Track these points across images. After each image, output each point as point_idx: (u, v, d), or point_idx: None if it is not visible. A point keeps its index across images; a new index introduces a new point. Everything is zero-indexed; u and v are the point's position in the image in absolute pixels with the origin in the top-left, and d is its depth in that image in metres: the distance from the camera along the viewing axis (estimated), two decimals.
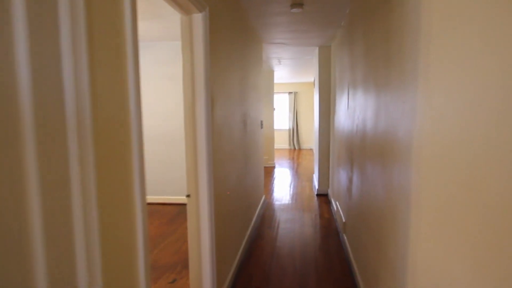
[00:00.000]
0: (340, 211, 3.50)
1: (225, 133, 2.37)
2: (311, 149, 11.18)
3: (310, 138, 11.39)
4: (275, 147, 11.31)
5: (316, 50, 5.10)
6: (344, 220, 3.17)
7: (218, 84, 2.14)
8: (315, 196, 5.03)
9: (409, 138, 1.23)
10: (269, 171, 7.18)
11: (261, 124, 4.37)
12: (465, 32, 0.83)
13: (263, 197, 4.64)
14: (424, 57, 1.08)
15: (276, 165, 8.01)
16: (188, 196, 1.97)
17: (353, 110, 2.74)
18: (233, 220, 2.63)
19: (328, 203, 4.61)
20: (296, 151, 10.75)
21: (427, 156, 1.06)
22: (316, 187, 5.20)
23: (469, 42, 0.81)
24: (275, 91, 11.08)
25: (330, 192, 4.80)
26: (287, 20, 3.45)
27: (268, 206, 4.50)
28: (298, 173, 6.99)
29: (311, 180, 6.15)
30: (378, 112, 1.79)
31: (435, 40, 1.00)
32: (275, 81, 10.29)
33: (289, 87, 11.29)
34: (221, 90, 2.23)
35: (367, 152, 2.13)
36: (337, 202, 3.82)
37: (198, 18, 1.77)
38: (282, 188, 5.61)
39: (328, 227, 3.64)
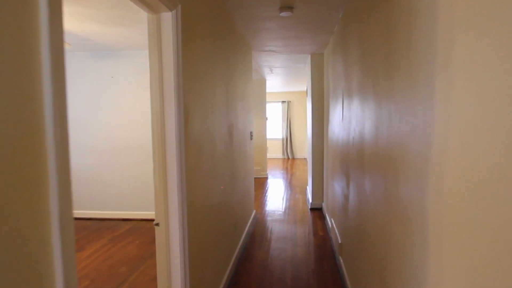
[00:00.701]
0: (336, 229, 3.23)
1: (206, 148, 2.11)
2: (305, 159, 10.94)
3: (304, 147, 11.17)
4: (268, 157, 11.06)
5: (308, 58, 4.90)
6: (340, 241, 2.91)
7: (195, 93, 1.88)
8: (309, 210, 4.76)
9: (424, 154, 0.98)
10: (261, 183, 6.90)
11: (251, 135, 4.12)
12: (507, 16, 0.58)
13: (254, 213, 4.36)
14: (443, 57, 0.83)
15: (269, 176, 7.75)
16: (157, 225, 1.69)
17: (348, 121, 2.50)
18: (216, 245, 2.35)
19: (323, 218, 4.34)
20: (289, 161, 10.50)
21: (453, 175, 0.80)
22: (310, 200, 4.94)
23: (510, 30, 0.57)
24: (267, 100, 10.89)
25: (324, 206, 4.53)
26: (276, 26, 3.23)
27: (259, 222, 4.22)
28: (291, 184, 6.73)
29: (304, 193, 5.89)
30: (379, 124, 1.55)
31: (460, 33, 0.75)
32: (268, 90, 10.10)
33: (282, 96, 11.11)
34: (200, 100, 1.98)
35: (366, 168, 1.88)
36: (332, 219, 3.56)
37: (168, 17, 1.52)
38: (274, 201, 5.34)
39: (323, 247, 3.36)
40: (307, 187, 5.87)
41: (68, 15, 2.95)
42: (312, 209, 4.77)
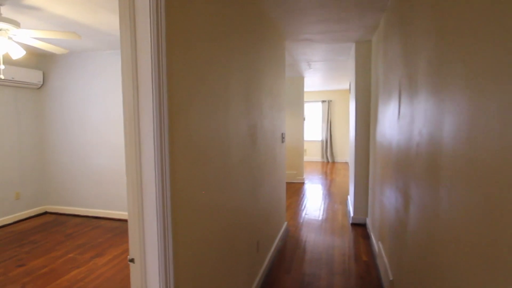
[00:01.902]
0: (385, 259, 2.57)
1: (211, 154, 1.60)
2: (346, 163, 10.10)
3: (346, 150, 10.32)
4: (306, 160, 10.40)
5: (353, 48, 4.22)
6: (391, 278, 2.25)
7: (192, 82, 1.38)
8: (350, 225, 4.08)
9: None
10: (296, 189, 6.30)
11: (283, 137, 3.56)
12: None
13: (285, 224, 3.80)
14: None
15: (306, 181, 7.11)
16: (131, 261, 1.21)
17: (408, 121, 1.85)
18: (227, 274, 1.83)
19: (367, 237, 3.65)
20: (329, 165, 9.74)
21: None
22: (351, 213, 4.25)
23: None
24: (306, 100, 10.23)
25: (369, 223, 3.83)
26: (315, 3, 2.64)
27: (291, 237, 3.64)
28: (330, 192, 6.04)
29: (345, 203, 5.19)
30: (479, 124, 0.93)
31: None
32: (306, 89, 9.44)
33: (321, 95, 10.36)
34: (200, 93, 1.47)
35: (444, 187, 1.25)
36: (380, 244, 2.88)
37: None
38: (310, 211, 4.71)
39: (367, 279, 2.71)
40: (348, 197, 5.17)
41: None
42: (353, 225, 4.09)
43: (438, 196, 1.32)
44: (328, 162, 10.34)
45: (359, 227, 4.00)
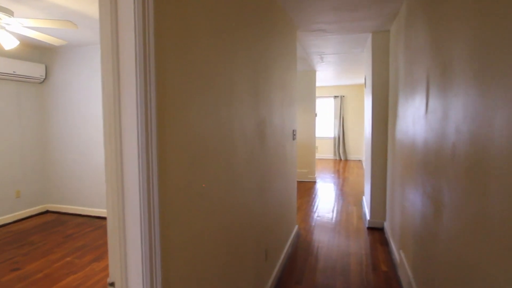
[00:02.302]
0: (409, 271, 2.31)
1: (215, 155, 1.38)
2: (359, 161, 9.78)
3: (359, 148, 9.99)
4: (317, 157, 10.12)
5: (369, 39, 3.94)
6: None
7: (187, 68, 1.16)
8: (366, 229, 3.82)
9: None
10: (308, 188, 6.05)
11: (294, 134, 3.32)
12: None
13: (296, 228, 3.57)
14: None
15: (318, 180, 6.85)
16: (111, 285, 1.01)
17: (440, 116, 1.59)
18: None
19: (385, 243, 3.39)
20: (342, 163, 9.44)
21: None
22: (367, 217, 3.99)
23: None
24: (318, 95, 9.93)
25: (387, 227, 3.57)
26: None
27: (302, 241, 3.41)
28: (343, 192, 5.77)
29: (359, 204, 4.92)
30: None
31: None
32: (318, 83, 9.14)
33: (334, 91, 10.04)
34: (202, 86, 1.25)
35: (502, 200, 1.01)
36: (401, 252, 2.62)
37: None
38: (323, 213, 4.47)
39: None
40: (363, 198, 4.90)
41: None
42: (370, 229, 3.83)
43: (484, 205, 1.08)
44: (340, 160, 10.03)
45: (376, 231, 3.74)
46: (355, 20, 3.21)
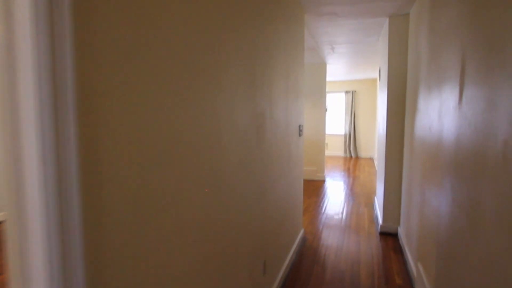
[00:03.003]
0: (428, 287, 1.98)
1: (189, 154, 1.08)
2: (370, 159, 9.37)
3: (370, 145, 9.58)
4: (327, 155, 9.75)
5: (385, 25, 3.57)
6: None
7: (148, 39, 0.85)
8: (378, 234, 3.49)
9: None
10: (316, 187, 5.72)
11: (300, 130, 3.00)
12: None
13: (301, 232, 3.26)
14: None
15: (327, 178, 6.51)
16: None
17: (483, 107, 1.25)
18: None
19: (399, 252, 3.05)
20: (352, 160, 9.05)
21: None
22: (380, 221, 3.65)
23: None
24: (328, 90, 9.54)
25: (402, 233, 3.23)
26: None
27: (308, 247, 3.10)
28: (353, 192, 5.42)
29: (371, 206, 4.57)
30: None
31: None
32: (329, 78, 8.76)
33: (345, 86, 9.63)
34: (173, 60, 0.94)
35: None
36: (419, 265, 2.29)
37: None
38: (331, 215, 4.14)
39: None
40: (375, 198, 4.55)
41: None
42: (382, 234, 3.49)
43: None
44: (351, 157, 9.64)
45: (389, 237, 3.40)
46: (371, 2, 2.86)
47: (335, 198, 4.98)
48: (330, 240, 3.32)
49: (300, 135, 3.00)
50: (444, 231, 1.73)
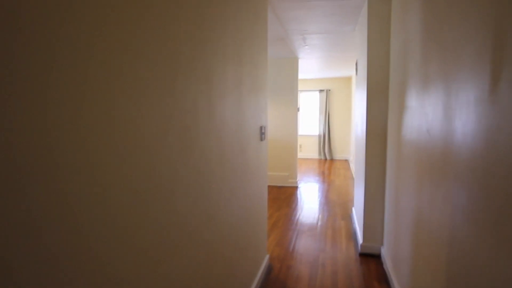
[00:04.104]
0: None
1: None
2: (345, 161, 8.97)
3: (345, 146, 9.18)
4: (301, 157, 9.26)
5: (364, 10, 3.03)
6: None
7: None
8: (357, 256, 2.94)
9: None
10: (288, 195, 5.14)
11: (262, 133, 2.38)
12: None
13: (266, 260, 2.65)
14: None
15: (300, 184, 5.96)
16: None
17: None
18: None
19: (384, 280, 2.51)
20: (327, 163, 8.60)
21: None
22: (360, 239, 3.10)
23: None
24: (301, 89, 9.05)
25: (386, 255, 2.69)
26: None
27: (272, 282, 2.49)
28: (329, 200, 4.89)
29: (348, 218, 4.04)
30: None
31: None
32: (302, 76, 8.26)
33: (319, 84, 9.17)
34: None
35: None
36: None
37: None
38: (304, 232, 3.56)
39: None
40: (353, 210, 4.02)
41: None
42: (363, 255, 2.94)
43: None
44: (325, 159, 9.19)
45: (371, 260, 2.85)
46: None
47: (308, 209, 4.41)
48: (302, 267, 2.72)
49: (262, 139, 2.38)
50: (460, 260, 1.16)
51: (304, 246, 3.17)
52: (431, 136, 1.59)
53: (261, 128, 2.34)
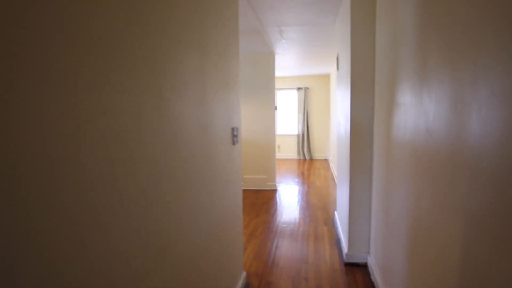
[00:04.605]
0: None
1: None
2: (325, 160, 8.81)
3: (325, 146, 9.02)
4: (280, 157, 9.02)
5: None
6: None
7: None
8: (343, 267, 2.69)
9: None
10: (267, 200, 4.86)
11: (234, 136, 2.06)
12: None
13: (242, 278, 2.34)
14: None
15: (279, 187, 5.69)
16: None
17: None
18: None
19: None
20: (306, 163, 8.40)
21: None
22: (344, 247, 2.85)
23: None
24: (279, 87, 8.82)
25: (373, 264, 2.45)
26: None
27: None
28: (310, 204, 4.64)
29: (331, 223, 3.80)
30: None
31: None
32: (279, 74, 8.01)
33: (297, 82, 8.96)
34: None
35: None
36: None
37: None
38: (284, 240, 3.28)
39: None
40: (336, 214, 3.79)
41: None
42: (348, 265, 2.69)
43: None
44: (305, 159, 9.00)
45: (357, 270, 2.61)
46: None
47: (288, 215, 4.14)
48: (284, 283, 2.43)
49: (234, 142, 2.06)
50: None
51: (285, 257, 2.89)
52: (433, 137, 1.34)
53: (233, 130, 2.03)
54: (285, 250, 3.05)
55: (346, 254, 2.74)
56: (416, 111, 1.54)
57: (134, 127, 0.91)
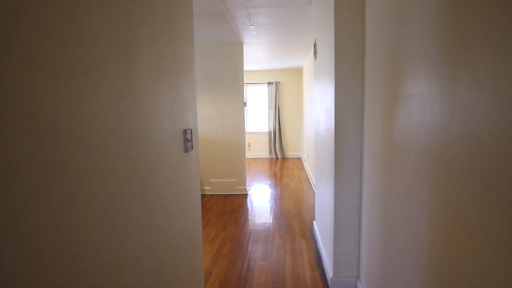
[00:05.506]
0: None
1: None
2: (298, 159, 8.43)
3: (297, 144, 8.64)
4: (250, 156, 8.53)
5: None
6: None
7: None
8: None
9: None
10: (237, 206, 4.33)
11: (187, 141, 1.51)
12: None
13: None
14: None
15: (250, 190, 5.18)
16: None
17: None
18: None
19: None
20: (279, 162, 7.97)
21: None
22: (328, 270, 2.40)
23: None
24: (248, 82, 8.30)
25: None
26: None
27: None
28: (284, 210, 4.18)
29: (309, 235, 3.35)
30: None
31: None
32: (249, 67, 7.48)
33: (268, 76, 8.49)
34: None
35: None
36: None
37: None
38: (255, 259, 2.78)
39: None
40: (314, 224, 3.34)
41: None
42: None
43: None
44: (277, 158, 8.56)
45: None
46: None
47: (261, 225, 3.64)
48: None
49: (187, 149, 1.50)
50: None
51: (258, 283, 2.39)
52: (482, 145, 0.87)
53: (185, 132, 1.47)
54: (258, 273, 2.55)
55: (331, 280, 2.29)
56: (443, 105, 1.08)
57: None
